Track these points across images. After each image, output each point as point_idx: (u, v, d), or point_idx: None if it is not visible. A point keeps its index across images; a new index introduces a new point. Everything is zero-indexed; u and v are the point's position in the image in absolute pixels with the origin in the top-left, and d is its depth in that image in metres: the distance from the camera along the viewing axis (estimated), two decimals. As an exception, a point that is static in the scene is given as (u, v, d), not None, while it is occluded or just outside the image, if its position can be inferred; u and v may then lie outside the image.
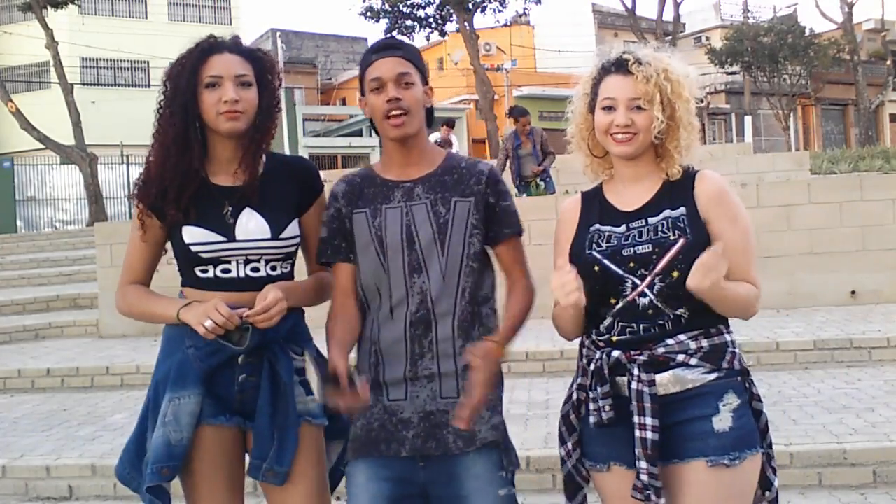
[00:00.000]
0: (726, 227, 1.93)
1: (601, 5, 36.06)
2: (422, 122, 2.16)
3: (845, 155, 18.23)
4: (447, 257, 2.10)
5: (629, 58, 1.98)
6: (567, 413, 2.06)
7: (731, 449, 1.88)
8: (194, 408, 2.09)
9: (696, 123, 2.02)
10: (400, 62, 2.12)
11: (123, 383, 6.49)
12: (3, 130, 26.01)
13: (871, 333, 6.05)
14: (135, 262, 2.22)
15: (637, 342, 1.95)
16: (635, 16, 27.02)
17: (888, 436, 4.11)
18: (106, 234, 8.64)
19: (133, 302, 2.21)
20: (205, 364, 2.10)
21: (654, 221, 1.97)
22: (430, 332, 2.08)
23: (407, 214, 2.13)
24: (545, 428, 4.58)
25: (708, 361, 1.93)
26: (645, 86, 1.94)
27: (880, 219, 7.52)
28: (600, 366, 1.96)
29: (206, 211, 2.12)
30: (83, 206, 20.29)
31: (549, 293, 2.06)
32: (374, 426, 2.09)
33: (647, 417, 1.87)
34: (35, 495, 4.43)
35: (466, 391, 1.98)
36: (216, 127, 2.10)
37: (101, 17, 29.42)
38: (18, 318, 9.15)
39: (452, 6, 21.80)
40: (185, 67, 2.11)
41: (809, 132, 36.62)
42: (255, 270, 2.14)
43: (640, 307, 1.94)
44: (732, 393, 1.94)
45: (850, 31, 31.08)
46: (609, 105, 1.99)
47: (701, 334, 1.94)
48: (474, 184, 2.15)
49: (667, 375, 1.92)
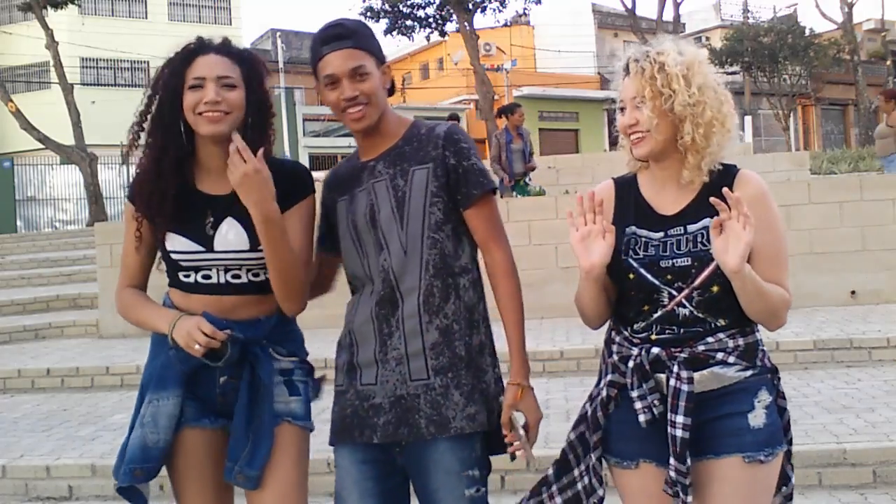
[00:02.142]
0: (760, 233, 1.85)
1: (601, 5, 36.05)
2: (381, 106, 2.11)
3: (845, 155, 18.25)
4: (406, 231, 2.04)
5: (633, 56, 1.96)
6: (594, 410, 2.01)
7: (766, 445, 1.89)
8: (173, 409, 2.08)
9: (708, 115, 1.90)
10: (351, 54, 2.05)
11: (123, 383, 6.48)
12: (3, 130, 26.01)
13: (871, 333, 6.05)
14: (130, 263, 2.22)
15: (677, 341, 1.92)
16: (635, 16, 27.02)
17: (888, 436, 4.11)
18: (106, 234, 8.64)
19: (128, 307, 2.21)
20: (185, 366, 2.09)
21: (694, 230, 1.92)
22: (396, 311, 2.04)
23: (370, 194, 2.10)
24: (545, 428, 4.56)
25: (744, 359, 1.92)
26: (643, 81, 1.91)
27: (880, 219, 7.52)
28: (640, 362, 1.92)
29: (188, 220, 2.12)
30: (83, 206, 20.29)
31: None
32: (348, 412, 2.09)
33: (679, 416, 1.85)
34: (35, 495, 4.43)
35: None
36: (197, 129, 2.08)
37: (101, 17, 29.43)
38: (18, 318, 9.15)
39: (452, 6, 21.79)
40: (171, 69, 2.10)
41: (809, 132, 36.62)
42: (235, 277, 2.13)
43: (679, 316, 1.92)
44: (765, 390, 1.94)
45: (850, 31, 31.09)
46: (621, 106, 1.98)
47: (738, 332, 1.93)
48: (432, 149, 2.08)
49: (705, 373, 1.90)
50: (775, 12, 35.69)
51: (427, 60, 36.04)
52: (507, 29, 28.87)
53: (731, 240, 1.76)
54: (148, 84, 2.15)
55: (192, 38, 2.15)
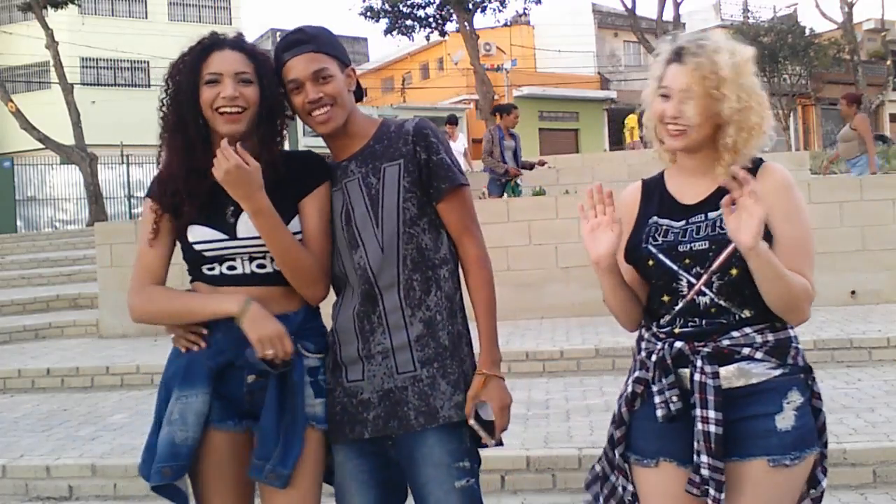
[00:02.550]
0: (782, 223, 1.85)
1: (601, 5, 36.03)
2: (348, 108, 2.13)
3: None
4: (382, 228, 2.07)
5: (687, 46, 1.92)
6: (619, 406, 2.01)
7: (793, 448, 1.85)
8: (202, 407, 2.06)
9: (760, 119, 1.90)
10: (312, 58, 2.08)
11: (123, 383, 6.49)
12: (3, 130, 26.01)
13: (871, 333, 6.06)
14: (150, 261, 2.17)
15: (701, 334, 1.90)
16: (635, 16, 27.00)
17: (888, 436, 4.11)
18: (106, 234, 8.64)
19: (160, 300, 2.14)
20: (213, 362, 2.08)
21: (714, 216, 1.91)
22: (377, 307, 2.07)
23: (344, 193, 2.13)
24: (545, 428, 4.58)
25: (773, 356, 1.89)
26: (695, 76, 1.87)
27: (880, 219, 7.52)
28: (663, 356, 1.91)
29: (209, 210, 2.11)
30: (83, 206, 20.28)
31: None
32: (337, 409, 2.11)
33: (711, 410, 1.83)
34: (35, 495, 4.43)
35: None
36: (215, 126, 2.09)
37: (101, 17, 29.41)
38: (18, 318, 9.15)
39: (452, 6, 21.77)
40: (187, 65, 2.09)
41: (809, 132, 36.61)
42: (260, 267, 2.12)
43: (700, 306, 1.90)
44: (796, 390, 1.90)
45: (850, 31, 31.06)
46: (665, 94, 1.94)
47: (767, 328, 1.89)
48: (402, 145, 2.11)
49: (731, 368, 1.88)
50: (775, 12, 35.70)
51: (427, 60, 36.01)
52: (507, 29, 28.84)
53: (744, 217, 1.73)
54: (165, 79, 2.13)
55: (205, 33, 2.15)
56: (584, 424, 4.61)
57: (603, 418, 2.84)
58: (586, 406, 5.07)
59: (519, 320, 7.14)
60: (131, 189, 21.95)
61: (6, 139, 26.65)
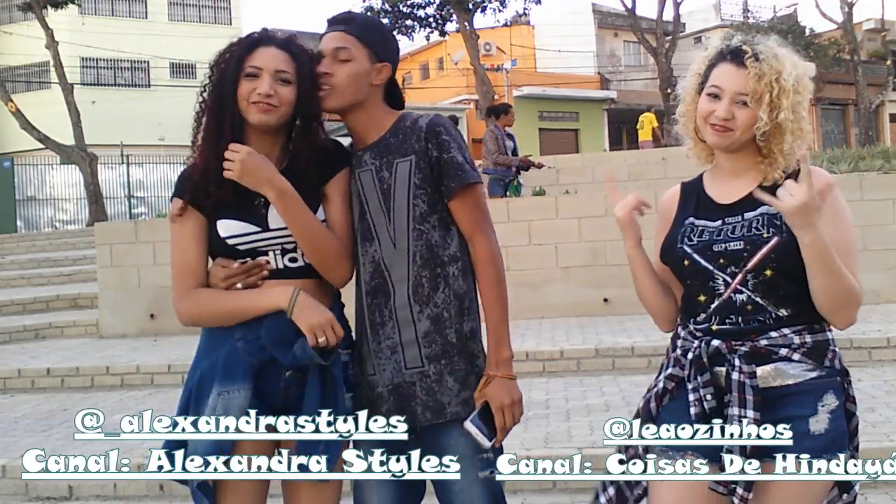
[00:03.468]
0: (827, 225, 1.81)
1: (601, 5, 36.02)
2: (355, 97, 2.13)
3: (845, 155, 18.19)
4: (394, 223, 2.09)
5: (747, 50, 1.91)
6: (648, 401, 1.99)
7: (824, 451, 1.82)
8: (244, 402, 2.03)
9: (807, 128, 1.93)
10: (341, 37, 2.12)
11: (123, 383, 6.50)
12: (3, 130, 26.01)
13: (871, 333, 6.05)
14: (190, 261, 2.12)
15: (738, 333, 1.89)
16: (635, 16, 27.00)
17: (888, 436, 4.11)
18: (106, 234, 8.65)
19: (208, 302, 2.11)
20: (255, 358, 2.06)
21: (751, 217, 1.91)
22: (388, 301, 2.09)
23: (358, 183, 2.15)
24: (545, 428, 4.58)
25: (810, 358, 1.87)
26: (756, 83, 1.87)
27: (880, 219, 7.52)
28: (699, 354, 1.90)
29: (238, 203, 2.11)
30: (83, 206, 20.28)
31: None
32: (363, 402, 2.12)
33: (749, 410, 1.81)
34: (35, 495, 4.43)
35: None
36: (246, 116, 2.09)
37: (101, 17, 29.39)
38: (18, 318, 9.16)
39: (452, 6, 21.77)
40: (232, 56, 2.12)
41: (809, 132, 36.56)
42: (293, 261, 2.12)
43: (737, 303, 1.89)
44: (832, 393, 1.88)
45: (850, 31, 31.05)
46: (714, 93, 1.93)
47: (805, 329, 1.88)
48: (415, 141, 2.12)
49: (768, 368, 1.86)
50: (775, 12, 35.71)
51: (427, 60, 36.03)
52: (507, 29, 28.83)
53: (795, 189, 1.74)
54: (210, 67, 2.15)
55: (259, 28, 2.19)
56: (584, 424, 4.61)
57: (603, 418, 2.84)
58: (586, 406, 5.08)
59: (519, 320, 7.14)
60: (131, 189, 21.96)
61: (6, 139, 26.64)
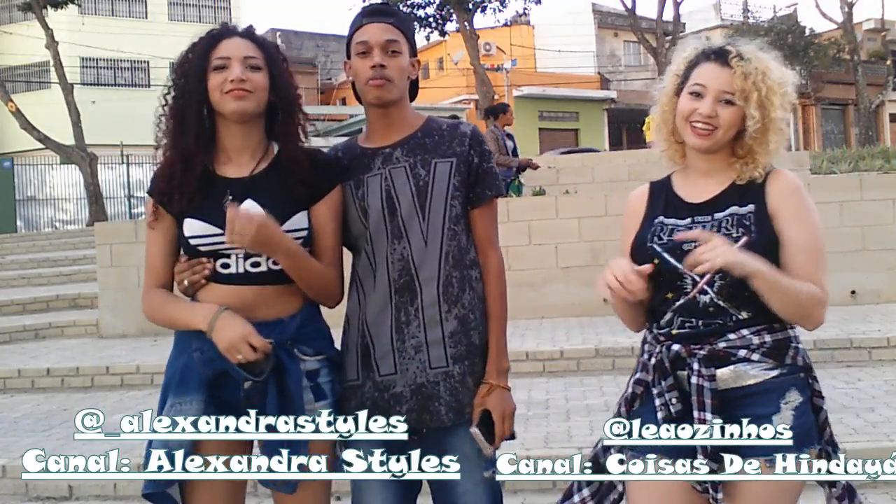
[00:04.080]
0: (790, 224, 1.88)
1: (601, 5, 36.02)
2: (403, 91, 2.15)
3: (845, 155, 18.23)
4: (428, 221, 2.08)
5: (731, 49, 1.93)
6: (619, 406, 2.02)
7: (793, 448, 1.84)
8: (195, 415, 2.00)
9: (786, 129, 1.96)
10: (389, 29, 2.11)
11: (123, 383, 6.49)
12: (3, 130, 26.01)
13: (871, 333, 6.06)
14: (155, 262, 2.15)
15: (697, 336, 1.91)
16: (635, 16, 27.02)
17: (888, 436, 4.11)
18: (106, 234, 8.64)
19: (157, 307, 2.13)
20: (209, 369, 2.04)
21: (720, 217, 1.93)
22: (415, 299, 2.07)
23: (386, 180, 2.11)
24: (545, 428, 4.58)
25: (770, 357, 1.89)
26: (742, 82, 1.89)
27: (880, 219, 7.52)
28: (661, 359, 1.93)
29: (206, 203, 2.07)
30: (83, 206, 20.28)
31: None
32: (367, 405, 2.08)
33: (707, 413, 1.84)
34: (35, 495, 4.43)
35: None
36: (222, 108, 2.06)
37: (101, 17, 29.40)
38: (18, 318, 9.15)
39: (452, 6, 21.77)
40: (196, 52, 2.08)
41: (809, 132, 36.59)
42: (255, 265, 2.06)
43: (700, 304, 1.91)
44: (795, 390, 1.91)
45: (850, 31, 31.07)
46: (697, 91, 1.93)
47: (764, 329, 1.90)
48: (457, 145, 2.13)
49: (726, 371, 1.88)
50: (775, 12, 35.70)
51: (427, 60, 35.96)
52: (507, 29, 28.83)
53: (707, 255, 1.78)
54: (173, 69, 2.12)
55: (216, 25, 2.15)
56: (584, 424, 4.61)
57: (603, 418, 2.83)
58: (586, 406, 5.08)
59: (519, 320, 7.09)
60: (131, 189, 21.94)
61: (6, 139, 26.64)
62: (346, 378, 2.16)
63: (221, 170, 2.12)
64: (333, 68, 38.65)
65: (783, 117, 1.93)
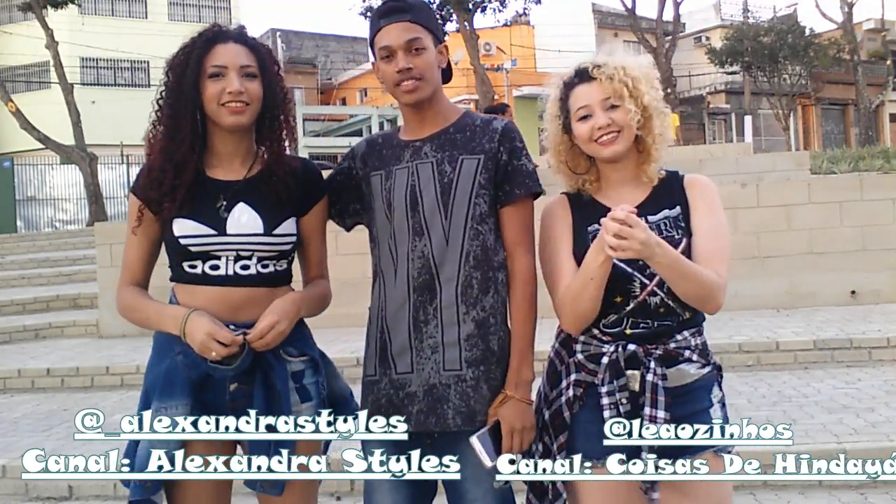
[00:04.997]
0: (703, 217, 1.99)
1: (601, 5, 36.03)
2: (435, 85, 2.10)
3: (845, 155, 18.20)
4: (450, 219, 2.03)
5: (588, 65, 2.03)
6: (558, 412, 2.02)
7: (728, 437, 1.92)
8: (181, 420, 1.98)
9: (668, 111, 2.04)
10: (408, 27, 2.05)
11: (123, 383, 6.49)
12: (3, 130, 26.01)
13: (871, 333, 6.06)
14: (132, 260, 2.14)
15: (652, 336, 1.96)
16: (635, 16, 27.02)
17: (888, 436, 4.12)
18: (106, 234, 8.64)
19: (130, 307, 2.13)
20: (193, 372, 2.02)
21: (655, 220, 1.99)
22: (434, 299, 2.03)
23: (413, 174, 2.08)
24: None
25: (702, 357, 2.02)
26: (610, 85, 1.98)
27: (880, 219, 7.52)
28: (616, 359, 1.94)
29: (199, 204, 2.06)
30: (83, 206, 20.29)
31: (548, 293, 2.05)
32: (382, 402, 2.06)
33: (660, 410, 1.89)
34: (35, 495, 4.43)
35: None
36: (218, 119, 2.05)
37: (101, 17, 29.42)
38: (18, 318, 9.16)
39: (452, 6, 21.78)
40: (189, 56, 2.05)
41: (809, 132, 36.60)
42: (244, 268, 2.06)
43: (651, 306, 1.96)
44: (717, 387, 2.05)
45: (850, 31, 31.07)
46: (584, 114, 2.00)
47: (696, 331, 2.02)
48: (486, 141, 2.07)
49: (673, 370, 1.96)
50: (775, 12, 35.68)
51: (427, 60, 36.01)
52: (507, 29, 28.85)
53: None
54: (165, 71, 2.09)
55: (207, 25, 2.13)
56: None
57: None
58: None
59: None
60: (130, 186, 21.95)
61: (6, 139, 26.65)
62: (365, 373, 2.14)
63: (212, 172, 2.12)
64: (333, 68, 38.68)
65: (656, 97, 2.00)
